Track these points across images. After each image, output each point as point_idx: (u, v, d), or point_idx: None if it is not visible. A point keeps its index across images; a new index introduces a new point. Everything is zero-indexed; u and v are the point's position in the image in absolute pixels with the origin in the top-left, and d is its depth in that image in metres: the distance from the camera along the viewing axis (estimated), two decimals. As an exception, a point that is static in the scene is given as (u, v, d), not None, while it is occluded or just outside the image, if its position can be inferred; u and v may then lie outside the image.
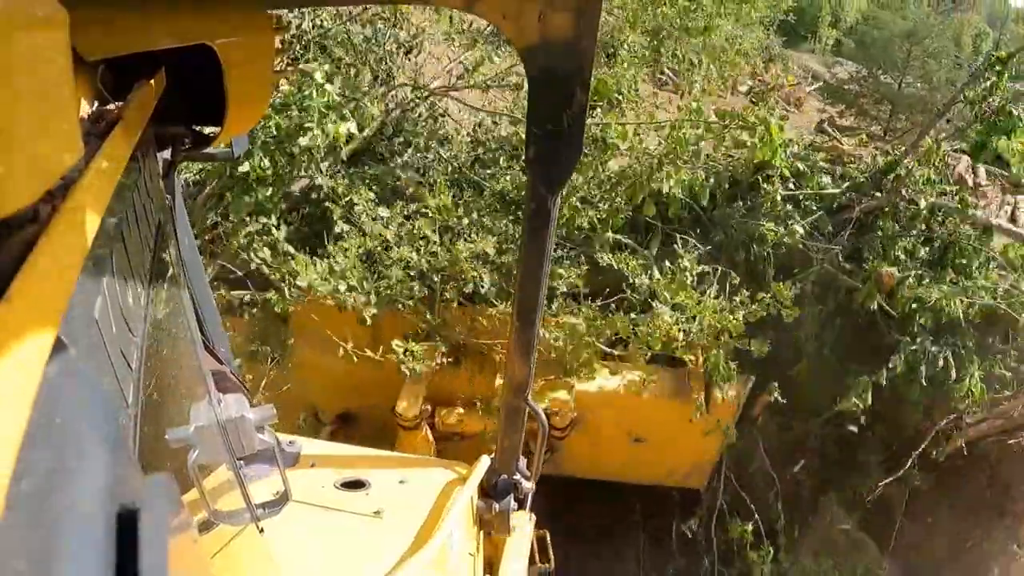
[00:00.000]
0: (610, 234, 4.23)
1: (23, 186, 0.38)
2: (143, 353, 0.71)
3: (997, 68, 5.56)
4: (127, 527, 0.39)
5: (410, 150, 5.42)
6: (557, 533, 3.20)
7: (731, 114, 5.09)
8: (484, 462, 2.47)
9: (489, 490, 2.56)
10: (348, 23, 5.61)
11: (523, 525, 2.76)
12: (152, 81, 0.93)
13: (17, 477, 0.31)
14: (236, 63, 1.15)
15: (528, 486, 2.69)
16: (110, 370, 0.56)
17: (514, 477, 2.56)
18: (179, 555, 0.41)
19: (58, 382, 0.38)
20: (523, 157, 1.46)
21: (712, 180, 4.93)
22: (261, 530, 1.18)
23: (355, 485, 2.31)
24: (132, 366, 0.64)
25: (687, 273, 3.79)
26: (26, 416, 0.33)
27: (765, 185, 4.81)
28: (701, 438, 3.68)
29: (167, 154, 1.47)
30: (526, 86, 1.42)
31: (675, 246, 4.17)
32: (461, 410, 3.55)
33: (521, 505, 2.70)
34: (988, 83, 5.68)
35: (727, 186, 5.01)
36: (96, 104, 0.77)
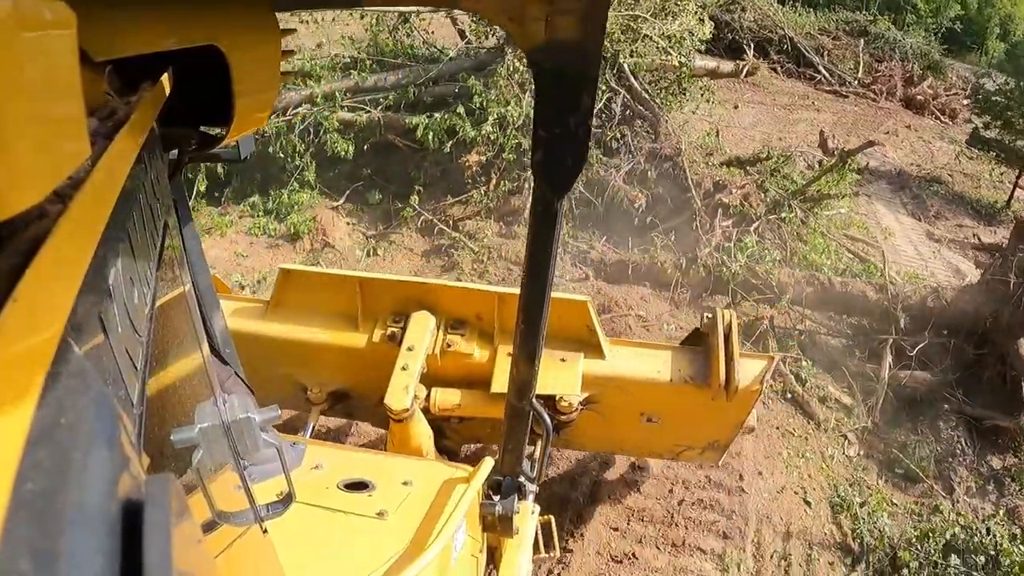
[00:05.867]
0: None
1: (30, 185, 0.38)
2: (148, 353, 0.71)
3: None
4: (131, 526, 0.39)
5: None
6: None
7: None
8: (488, 464, 2.47)
9: (493, 491, 2.55)
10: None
11: (527, 516, 2.73)
12: (159, 82, 0.93)
13: (22, 476, 0.31)
14: (243, 64, 1.15)
15: (532, 488, 2.69)
16: (115, 370, 0.56)
17: (518, 479, 2.56)
18: (183, 554, 0.41)
19: (63, 382, 0.38)
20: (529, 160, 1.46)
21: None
22: (265, 531, 1.18)
23: (359, 486, 2.31)
24: (137, 366, 0.64)
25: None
26: (31, 415, 0.33)
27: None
28: (718, 420, 3.48)
29: (174, 154, 1.47)
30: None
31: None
32: (458, 392, 3.35)
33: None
34: None
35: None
36: (103, 104, 0.77)
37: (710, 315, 3.49)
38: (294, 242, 7.30)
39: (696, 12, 8.27)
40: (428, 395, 3.33)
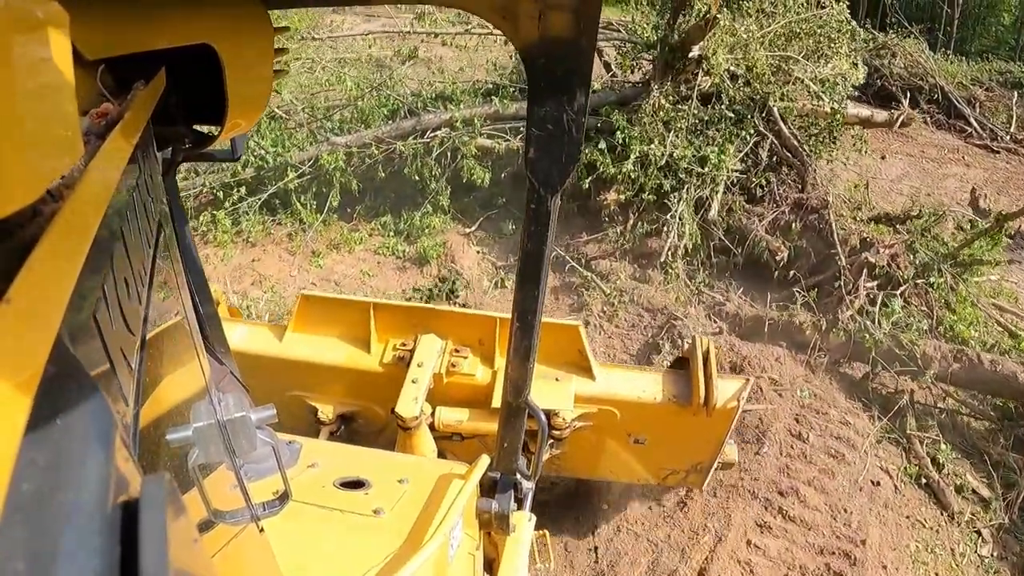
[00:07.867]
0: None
1: (23, 186, 0.38)
2: (143, 352, 0.71)
3: None
4: (127, 527, 0.39)
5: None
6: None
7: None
8: (484, 461, 2.48)
9: (489, 489, 2.56)
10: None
11: (523, 525, 2.76)
12: (152, 81, 0.93)
13: (17, 477, 0.31)
14: (236, 63, 1.15)
15: (528, 485, 2.69)
16: (110, 370, 0.56)
17: (514, 476, 2.57)
18: (180, 554, 0.41)
19: (58, 382, 0.38)
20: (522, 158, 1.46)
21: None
22: (261, 530, 1.18)
23: (355, 485, 2.31)
24: (132, 366, 0.64)
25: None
26: (26, 416, 0.33)
27: None
28: (700, 438, 3.67)
29: (167, 153, 1.47)
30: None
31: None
32: (461, 410, 3.54)
33: (520, 505, 2.70)
34: None
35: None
36: (96, 104, 0.77)
37: (690, 341, 3.68)
38: (421, 267, 7.01)
39: (849, 55, 7.80)
40: (433, 413, 3.50)
